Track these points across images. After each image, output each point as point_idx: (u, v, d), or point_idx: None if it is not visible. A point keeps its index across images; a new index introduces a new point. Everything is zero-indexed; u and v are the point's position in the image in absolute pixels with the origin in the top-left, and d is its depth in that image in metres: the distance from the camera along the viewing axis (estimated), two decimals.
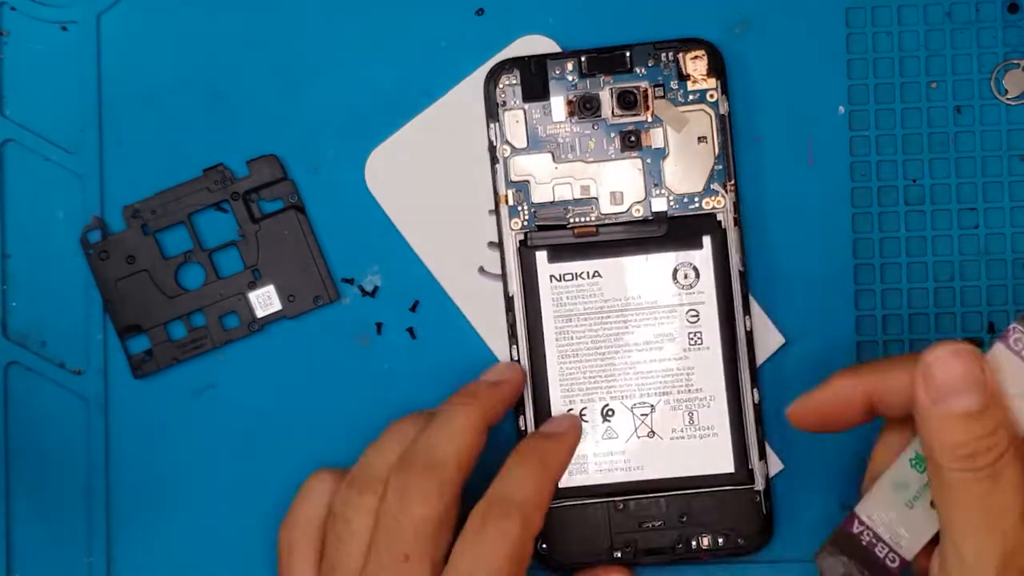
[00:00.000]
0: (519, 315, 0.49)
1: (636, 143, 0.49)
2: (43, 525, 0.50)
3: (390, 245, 0.50)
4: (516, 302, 0.49)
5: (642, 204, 0.49)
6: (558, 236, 0.49)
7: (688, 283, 0.48)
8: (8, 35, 0.51)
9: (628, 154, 0.49)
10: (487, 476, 0.45)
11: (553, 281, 0.49)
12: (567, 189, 0.49)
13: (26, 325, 0.50)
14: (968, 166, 0.50)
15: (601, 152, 0.49)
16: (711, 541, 0.48)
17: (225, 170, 0.50)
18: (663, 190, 0.49)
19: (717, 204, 0.49)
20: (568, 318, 0.48)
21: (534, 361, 0.49)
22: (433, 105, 0.50)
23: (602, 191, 0.49)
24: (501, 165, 0.49)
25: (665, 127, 0.49)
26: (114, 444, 0.50)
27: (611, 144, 0.49)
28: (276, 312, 0.50)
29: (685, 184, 0.49)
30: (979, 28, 0.50)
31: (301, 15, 0.50)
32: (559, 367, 0.49)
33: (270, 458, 0.50)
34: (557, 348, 0.49)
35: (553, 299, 0.49)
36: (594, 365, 0.49)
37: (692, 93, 0.49)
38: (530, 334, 0.49)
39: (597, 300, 0.49)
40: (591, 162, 0.49)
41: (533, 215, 0.49)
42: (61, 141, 0.50)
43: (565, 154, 0.49)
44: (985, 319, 0.50)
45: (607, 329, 0.49)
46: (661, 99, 0.49)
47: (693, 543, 0.48)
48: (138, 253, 0.50)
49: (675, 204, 0.49)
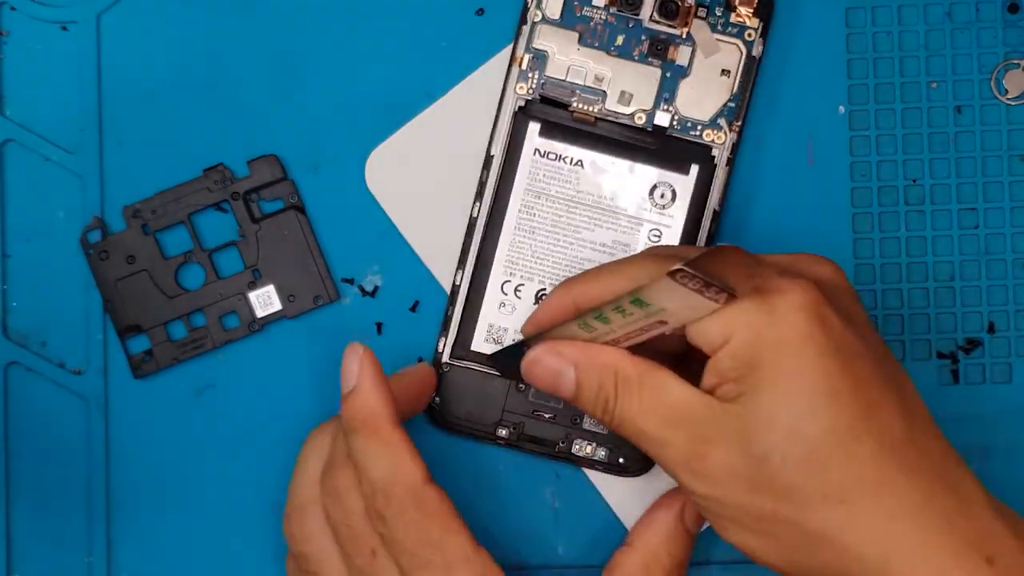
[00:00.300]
0: (492, 176, 0.49)
1: (662, 53, 0.49)
2: (43, 525, 0.50)
3: (390, 245, 0.50)
4: (494, 163, 0.49)
5: (646, 113, 0.49)
6: (556, 115, 0.49)
7: (663, 203, 0.49)
8: (8, 35, 0.51)
9: (651, 61, 0.49)
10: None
11: (537, 155, 0.49)
12: (581, 74, 0.49)
13: (26, 325, 0.50)
14: (968, 166, 0.50)
15: (627, 50, 0.49)
16: (593, 450, 0.49)
17: (225, 170, 0.50)
18: (671, 107, 0.49)
19: (717, 139, 0.49)
20: (538, 195, 0.49)
21: (490, 224, 0.49)
22: (433, 105, 0.50)
23: (613, 88, 0.49)
24: (528, 27, 0.49)
25: (695, 48, 0.49)
26: (114, 444, 0.50)
27: (639, 46, 0.49)
28: (276, 312, 0.50)
29: (694, 109, 0.49)
30: (979, 28, 0.50)
31: (301, 15, 0.50)
32: (512, 237, 0.49)
33: (270, 458, 0.50)
34: (517, 219, 0.49)
35: (531, 172, 0.49)
36: (545, 247, 0.49)
37: (732, 26, 0.49)
38: (496, 197, 0.49)
39: (571, 188, 0.49)
40: (613, 56, 0.49)
41: (541, 86, 0.49)
42: (61, 141, 0.50)
43: (592, 40, 0.49)
44: (985, 319, 0.50)
45: (570, 219, 0.49)
46: (701, 19, 0.49)
47: (576, 447, 0.49)
48: (138, 253, 0.50)
49: (677, 124, 0.49)
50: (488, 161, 0.49)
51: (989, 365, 0.50)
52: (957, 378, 0.50)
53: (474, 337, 0.49)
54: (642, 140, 0.49)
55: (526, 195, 0.49)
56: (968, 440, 0.50)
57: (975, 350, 0.50)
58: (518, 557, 0.50)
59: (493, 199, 0.49)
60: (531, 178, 0.49)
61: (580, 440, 0.49)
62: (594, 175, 0.49)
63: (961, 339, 0.50)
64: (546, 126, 0.49)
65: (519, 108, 0.49)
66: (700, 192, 0.49)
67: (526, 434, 0.49)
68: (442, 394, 0.49)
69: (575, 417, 0.49)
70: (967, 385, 0.50)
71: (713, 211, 0.49)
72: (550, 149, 0.49)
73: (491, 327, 0.49)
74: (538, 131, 0.49)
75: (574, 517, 0.50)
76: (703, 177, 0.49)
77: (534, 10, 0.49)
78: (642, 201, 0.49)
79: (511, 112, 0.49)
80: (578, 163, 0.49)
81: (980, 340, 0.50)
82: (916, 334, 0.50)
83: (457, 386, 0.49)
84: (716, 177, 0.49)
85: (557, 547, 0.50)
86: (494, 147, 0.49)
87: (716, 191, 0.49)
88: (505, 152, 0.49)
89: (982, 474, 0.50)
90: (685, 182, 0.49)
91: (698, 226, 0.49)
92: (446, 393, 0.49)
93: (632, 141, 0.49)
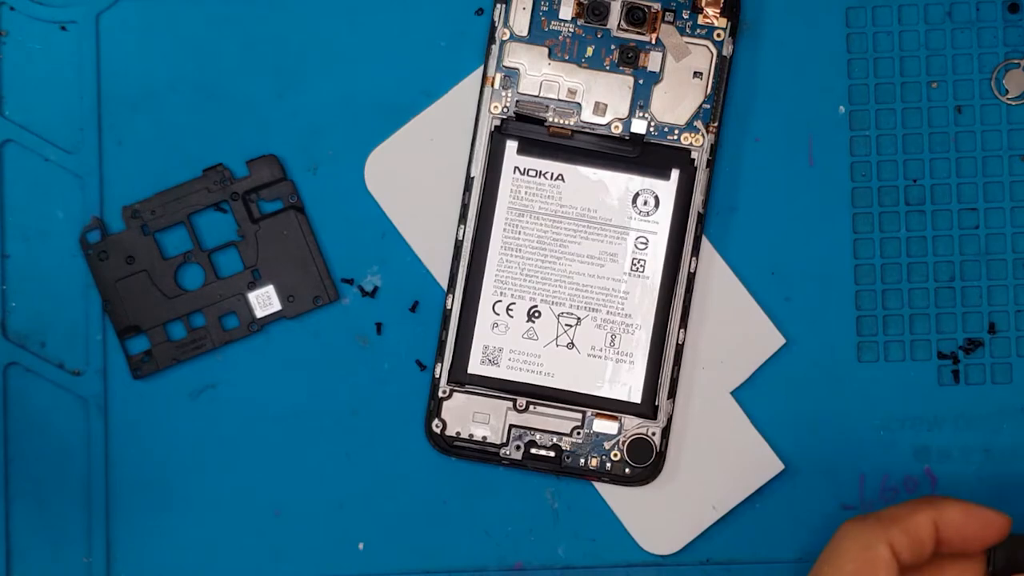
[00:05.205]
0: (474, 197, 0.49)
1: (633, 61, 0.49)
2: (42, 525, 0.50)
3: (390, 245, 0.50)
4: (475, 184, 0.49)
5: (623, 122, 0.49)
6: (533, 131, 0.49)
7: (646, 210, 0.49)
8: (8, 35, 0.51)
9: (623, 70, 0.49)
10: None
11: (516, 173, 0.49)
12: (554, 88, 0.49)
13: (26, 325, 0.50)
14: (968, 166, 0.50)
15: (597, 61, 0.49)
16: (599, 463, 0.49)
17: (225, 170, 0.50)
18: (647, 114, 0.49)
19: (695, 142, 0.49)
20: (521, 212, 0.49)
21: (476, 245, 0.49)
22: (433, 105, 0.50)
23: (587, 99, 0.49)
24: (497, 47, 0.49)
25: (665, 53, 0.49)
26: (114, 444, 0.50)
27: (609, 56, 0.49)
28: (276, 312, 0.50)
29: (669, 114, 0.49)
30: (979, 28, 0.50)
31: (301, 15, 0.50)
32: (499, 257, 0.49)
33: (270, 458, 0.50)
34: (503, 239, 0.49)
35: (512, 191, 0.49)
36: (533, 264, 0.49)
37: (700, 28, 0.49)
38: (480, 219, 0.49)
39: (554, 203, 0.49)
40: (584, 68, 0.49)
41: (515, 103, 0.49)
42: (61, 141, 0.50)
43: (562, 53, 0.49)
44: (986, 319, 0.50)
45: (556, 234, 0.49)
46: (669, 24, 0.49)
47: (582, 460, 0.49)
48: (137, 253, 0.50)
49: (654, 130, 0.49)
50: (469, 183, 0.49)
51: (990, 365, 0.50)
52: (958, 378, 0.50)
53: (470, 360, 0.49)
54: (621, 149, 0.49)
55: (509, 213, 0.49)
56: (969, 440, 0.50)
57: (976, 350, 0.50)
58: (518, 557, 0.50)
59: (477, 220, 0.49)
60: (513, 196, 0.49)
61: (586, 454, 0.49)
62: (576, 188, 0.49)
63: (962, 339, 0.50)
64: (523, 143, 0.49)
65: (495, 128, 0.49)
66: (684, 195, 0.49)
67: (531, 453, 0.49)
68: (443, 420, 0.49)
69: (577, 431, 0.49)
70: (968, 385, 0.50)
71: (698, 214, 0.49)
72: (529, 166, 0.49)
73: (487, 348, 0.49)
74: (516, 149, 0.49)
75: (574, 517, 0.50)
76: (685, 181, 0.49)
77: (502, 28, 0.49)
78: (626, 210, 0.49)
79: (487, 132, 0.49)
80: (559, 177, 0.49)
81: (981, 340, 0.50)
82: (917, 334, 0.50)
83: (458, 410, 0.49)
84: (697, 180, 0.49)
85: (557, 547, 0.50)
86: (473, 168, 0.49)
87: (699, 194, 0.49)
88: (485, 173, 0.49)
89: (982, 474, 0.50)
90: (667, 187, 0.49)
91: (684, 229, 0.49)
92: (447, 418, 0.49)
93: (611, 151, 0.49)
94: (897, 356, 0.50)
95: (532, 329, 0.49)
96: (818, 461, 0.50)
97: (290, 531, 0.50)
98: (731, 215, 0.50)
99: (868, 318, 0.50)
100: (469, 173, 0.49)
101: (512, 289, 0.49)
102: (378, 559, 0.50)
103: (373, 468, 0.50)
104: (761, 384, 0.49)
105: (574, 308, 0.49)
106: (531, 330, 0.49)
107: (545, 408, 0.49)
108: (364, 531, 0.50)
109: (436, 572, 0.50)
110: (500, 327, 0.49)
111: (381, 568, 0.50)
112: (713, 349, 0.50)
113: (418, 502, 0.50)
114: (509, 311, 0.49)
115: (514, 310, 0.49)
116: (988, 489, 0.49)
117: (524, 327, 0.49)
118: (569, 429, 0.49)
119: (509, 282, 0.49)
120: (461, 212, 0.49)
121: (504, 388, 0.49)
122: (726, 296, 0.50)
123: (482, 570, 0.50)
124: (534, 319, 0.49)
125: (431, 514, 0.50)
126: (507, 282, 0.49)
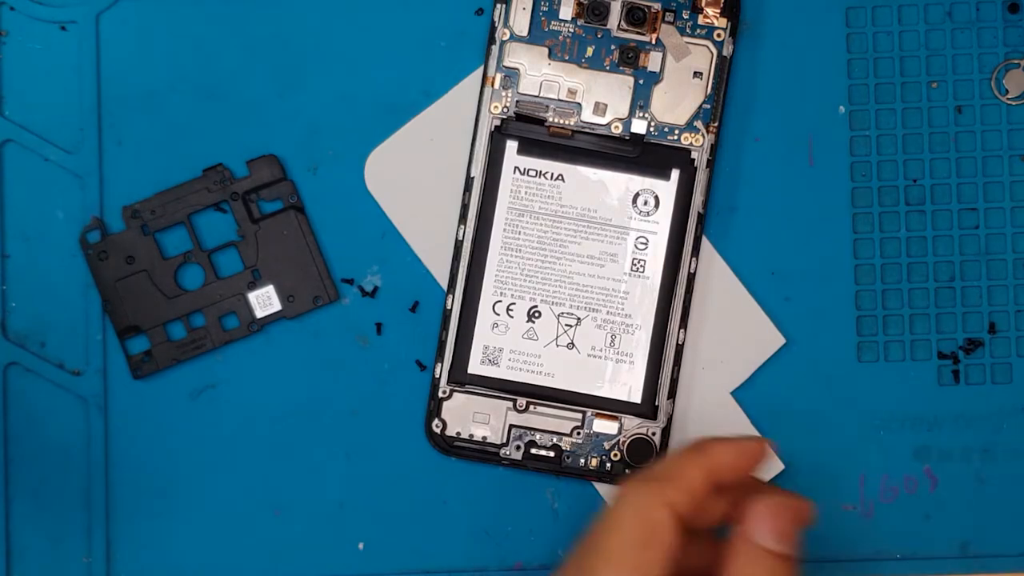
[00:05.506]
0: (474, 197, 0.49)
1: (633, 61, 0.49)
2: (42, 525, 0.50)
3: (390, 245, 0.50)
4: (475, 184, 0.49)
5: (623, 122, 0.49)
6: (533, 131, 0.49)
7: (647, 210, 0.49)
8: (8, 35, 0.51)
9: (623, 70, 0.49)
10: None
11: (516, 173, 0.49)
12: (554, 88, 0.49)
13: (26, 325, 0.50)
14: (969, 166, 0.50)
15: (597, 61, 0.49)
16: (599, 463, 0.49)
17: (225, 170, 0.50)
18: (647, 114, 0.49)
19: (695, 142, 0.49)
20: (521, 213, 0.49)
21: (476, 245, 0.49)
22: (433, 105, 0.50)
23: (587, 99, 0.49)
24: (497, 47, 0.49)
25: (665, 53, 0.49)
26: (114, 444, 0.50)
27: (609, 56, 0.49)
28: (276, 312, 0.50)
29: (670, 114, 0.49)
30: (979, 28, 0.50)
31: (300, 15, 0.50)
32: (500, 257, 0.49)
33: (270, 458, 0.50)
34: (503, 239, 0.49)
35: (512, 191, 0.49)
36: (533, 264, 0.49)
37: (700, 28, 0.49)
38: (480, 219, 0.49)
39: (554, 203, 0.49)
40: (584, 68, 0.49)
41: (515, 103, 0.49)
42: (61, 141, 0.50)
43: (562, 53, 0.49)
44: (986, 319, 0.50)
45: (556, 234, 0.49)
46: (669, 24, 0.49)
47: (582, 460, 0.49)
48: (137, 253, 0.50)
49: (655, 130, 0.49)
50: (469, 183, 0.49)
51: (990, 365, 0.50)
52: (958, 379, 0.50)
53: (470, 360, 0.49)
54: (621, 149, 0.49)
55: (509, 213, 0.49)
56: (969, 441, 0.50)
57: (976, 350, 0.50)
58: (518, 557, 0.50)
59: (477, 221, 0.49)
60: (513, 196, 0.49)
61: (585, 454, 0.49)
62: (576, 188, 0.49)
63: (962, 339, 0.50)
64: (523, 143, 0.49)
65: (495, 128, 0.49)
66: (684, 195, 0.49)
67: (531, 453, 0.49)
68: (443, 420, 0.49)
69: (577, 430, 0.49)
70: (968, 385, 0.50)
71: (698, 214, 0.49)
72: (530, 166, 0.49)
73: (487, 348, 0.49)
74: (516, 149, 0.49)
75: (574, 517, 0.50)
76: (685, 181, 0.49)
77: (502, 29, 0.49)
78: (626, 209, 0.49)
79: (487, 132, 0.49)
80: (559, 177, 0.49)
81: (981, 340, 0.50)
82: (917, 334, 0.50)
83: (458, 410, 0.49)
84: (697, 180, 0.49)
85: (557, 547, 0.50)
86: (473, 168, 0.49)
87: (699, 194, 0.49)
88: (485, 173, 0.49)
89: (983, 474, 0.50)
90: (667, 188, 0.49)
91: (684, 229, 0.49)
92: (446, 418, 0.49)
93: (611, 151, 0.49)
94: (897, 356, 0.50)
95: (532, 329, 0.49)
96: (818, 461, 0.50)
97: (290, 531, 0.50)
98: (731, 215, 0.50)
99: (868, 318, 0.50)
100: (469, 173, 0.49)
101: (512, 289, 0.49)
102: (378, 559, 0.50)
103: (373, 468, 0.50)
104: (761, 384, 0.49)
105: (574, 308, 0.49)
106: (531, 330, 0.49)
107: (545, 408, 0.49)
108: (364, 531, 0.50)
109: (436, 572, 0.50)
110: (500, 327, 0.49)
111: (381, 568, 0.50)
112: (713, 349, 0.50)
113: (418, 502, 0.50)
114: (509, 311, 0.49)
115: (514, 310, 0.49)
116: (988, 489, 0.49)
117: (524, 327, 0.49)
118: (569, 429, 0.49)
119: (509, 282, 0.49)
120: (461, 212, 0.49)
121: (504, 388, 0.49)
122: (726, 296, 0.50)
123: (482, 570, 0.50)
124: (534, 319, 0.49)
125: (431, 514, 0.50)
126: (507, 282, 0.49)
